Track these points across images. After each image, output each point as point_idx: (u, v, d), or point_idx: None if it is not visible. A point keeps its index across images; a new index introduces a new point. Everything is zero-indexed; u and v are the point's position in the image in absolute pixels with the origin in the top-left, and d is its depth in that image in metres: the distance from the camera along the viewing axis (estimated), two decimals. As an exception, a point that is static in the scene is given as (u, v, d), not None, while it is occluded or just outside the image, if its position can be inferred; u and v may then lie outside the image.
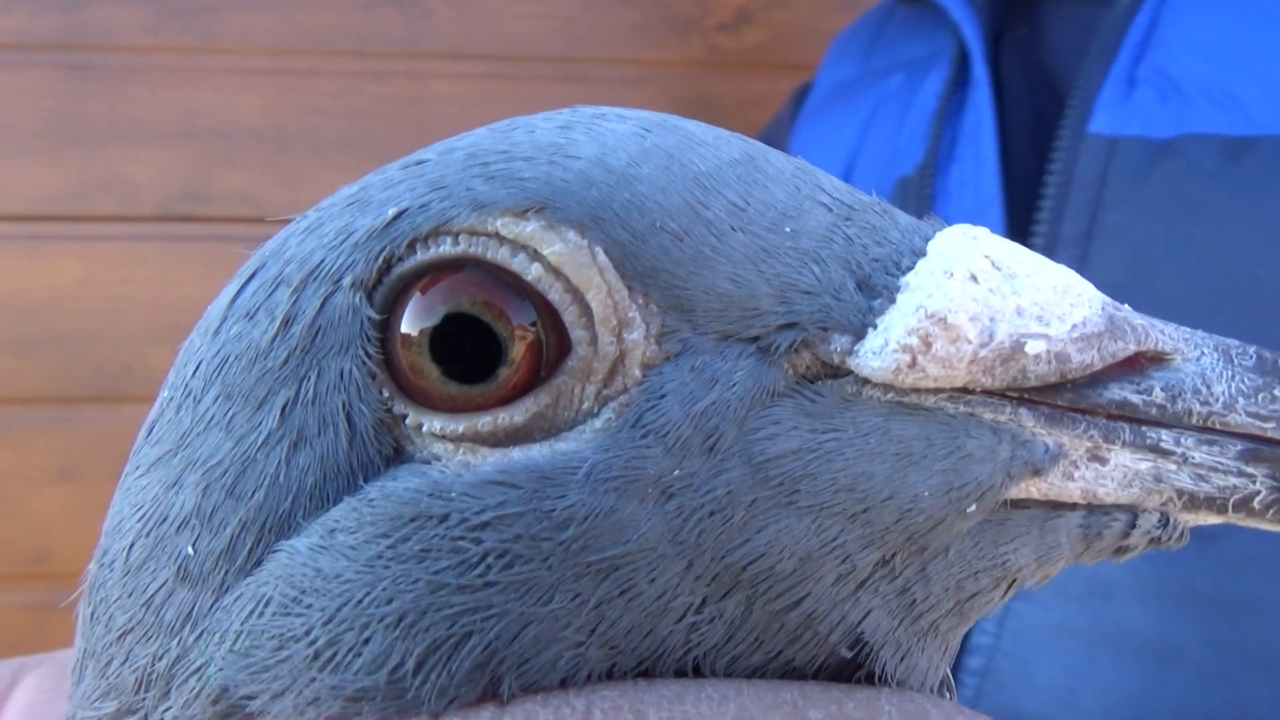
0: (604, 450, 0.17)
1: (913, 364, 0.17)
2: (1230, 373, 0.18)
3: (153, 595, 0.19)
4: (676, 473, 0.17)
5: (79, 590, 0.21)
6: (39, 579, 1.10)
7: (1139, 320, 0.18)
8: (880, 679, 0.18)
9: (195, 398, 0.19)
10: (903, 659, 0.18)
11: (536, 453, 0.17)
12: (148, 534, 0.19)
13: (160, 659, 0.19)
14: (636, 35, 1.21)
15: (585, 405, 0.18)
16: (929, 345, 0.17)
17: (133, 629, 0.19)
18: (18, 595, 1.09)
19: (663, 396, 0.17)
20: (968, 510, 0.17)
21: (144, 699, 0.19)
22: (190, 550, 0.18)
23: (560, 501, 0.17)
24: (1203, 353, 0.18)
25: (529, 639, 0.17)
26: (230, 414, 0.19)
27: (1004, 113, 0.67)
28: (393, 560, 0.17)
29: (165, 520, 0.19)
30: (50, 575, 1.11)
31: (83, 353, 1.11)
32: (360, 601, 0.17)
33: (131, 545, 0.19)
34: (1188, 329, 0.19)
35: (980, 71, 0.66)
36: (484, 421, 0.17)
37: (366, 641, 0.17)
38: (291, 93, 1.15)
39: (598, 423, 0.18)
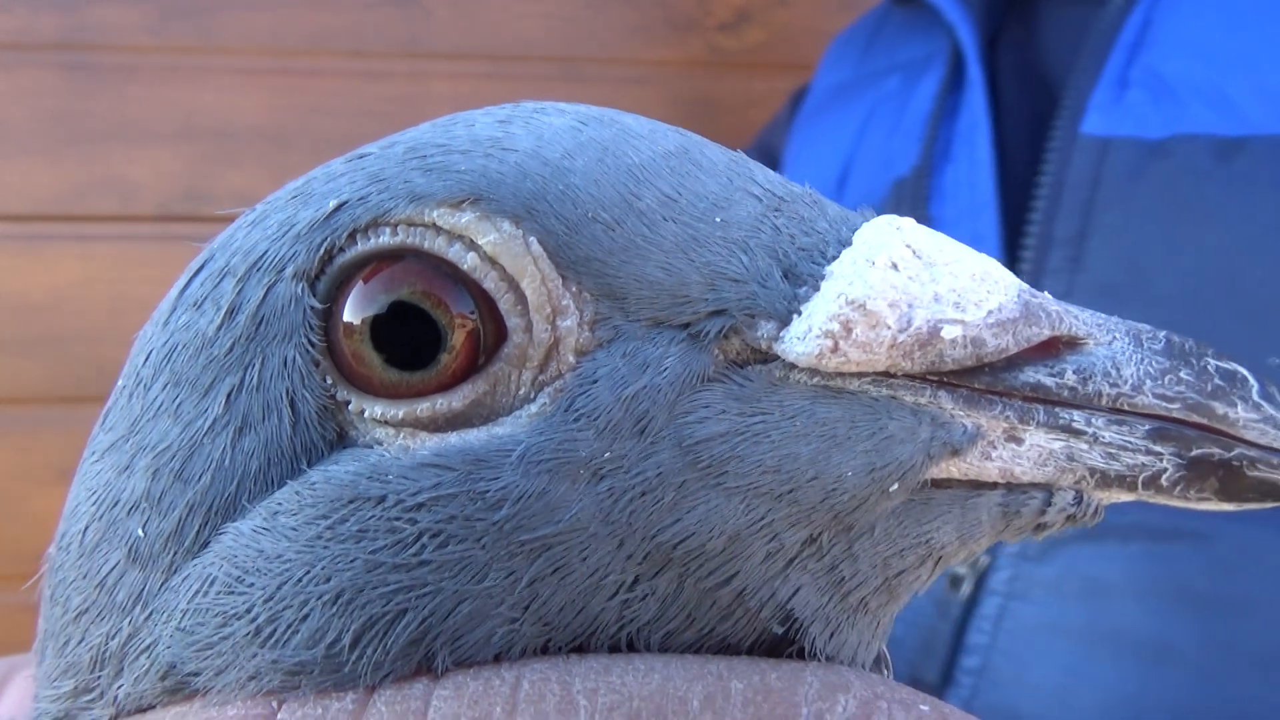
0: (538, 434, 0.18)
1: (835, 349, 0.18)
2: (1140, 356, 0.18)
3: (106, 576, 0.19)
4: (607, 455, 0.18)
5: (39, 574, 0.22)
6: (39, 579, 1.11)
7: (1054, 306, 0.19)
8: (810, 655, 0.19)
9: (146, 385, 0.20)
10: (832, 635, 0.19)
11: (473, 437, 0.18)
12: (101, 517, 0.20)
13: (113, 638, 0.19)
14: (636, 35, 1.22)
15: (522, 391, 0.18)
16: (850, 331, 0.18)
17: (88, 609, 0.20)
18: (18, 595, 1.09)
19: (595, 381, 0.18)
20: (890, 489, 0.18)
21: (99, 677, 0.20)
22: (140, 532, 0.19)
23: (494, 483, 0.17)
24: (1114, 337, 0.19)
25: (463, 615, 0.17)
26: (178, 401, 0.19)
27: (1000, 114, 0.68)
28: (331, 540, 0.18)
29: (117, 504, 0.19)
30: (50, 575, 1.11)
31: (83, 353, 1.11)
32: (300, 580, 0.18)
33: (86, 528, 0.20)
34: (1103, 315, 0.19)
35: (975, 73, 0.67)
36: (423, 407, 0.18)
37: (305, 618, 0.17)
38: (291, 93, 1.16)
39: (533, 407, 0.18)
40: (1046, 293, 0.19)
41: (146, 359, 0.20)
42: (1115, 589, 0.56)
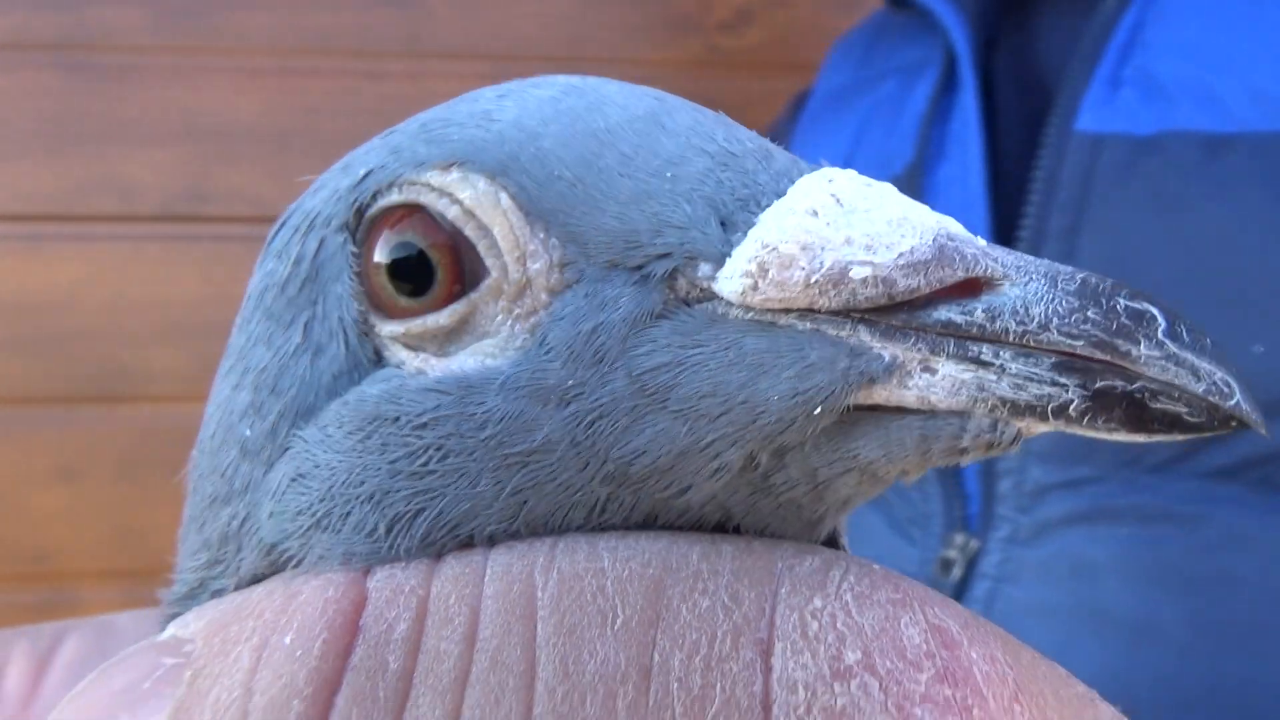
0: (516, 365, 0.22)
1: (755, 286, 0.21)
2: (1052, 296, 0.20)
3: (227, 469, 0.24)
4: (571, 383, 0.21)
5: (183, 471, 0.27)
6: (39, 579, 1.13)
7: (972, 249, 0.21)
8: None
9: (247, 320, 0.25)
10: (770, 535, 0.22)
11: (469, 367, 0.22)
12: (222, 423, 0.25)
13: (233, 520, 0.24)
14: (637, 35, 1.24)
15: (499, 318, 0.22)
16: (765, 271, 0.21)
17: (217, 496, 0.25)
18: (18, 595, 1.12)
19: (562, 318, 0.22)
20: (814, 412, 0.21)
21: (226, 551, 0.24)
22: (248, 433, 0.24)
23: (480, 406, 0.21)
24: (1030, 278, 0.21)
25: (463, 514, 0.21)
26: (270, 332, 0.24)
27: (995, 116, 0.71)
28: (363, 452, 0.22)
29: (232, 412, 0.25)
30: (50, 575, 1.13)
31: (83, 353, 1.14)
32: (343, 483, 0.22)
33: (213, 433, 0.25)
34: (1029, 258, 0.21)
35: (968, 74, 0.70)
36: (416, 323, 0.23)
37: (349, 514, 0.22)
38: (291, 93, 1.18)
39: (516, 342, 0.22)
40: (980, 237, 0.22)
41: (249, 299, 0.26)
42: (1103, 570, 0.58)
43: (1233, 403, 0.19)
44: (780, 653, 0.18)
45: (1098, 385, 0.20)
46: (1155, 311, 0.20)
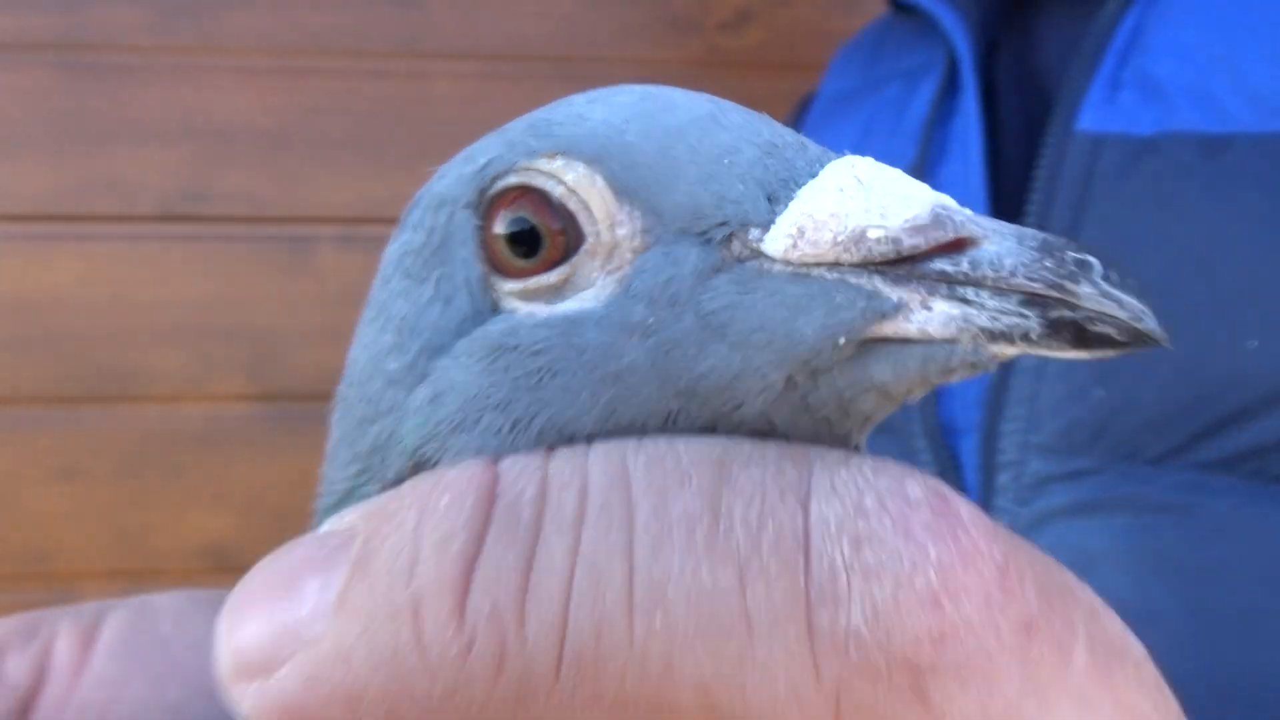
0: (608, 306, 0.28)
1: (794, 245, 0.27)
2: (1019, 251, 0.26)
3: (374, 395, 0.31)
4: (651, 320, 0.27)
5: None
6: (39, 579, 1.15)
7: (960, 217, 0.27)
8: None
9: (387, 279, 0.32)
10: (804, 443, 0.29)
11: (571, 310, 0.29)
12: (370, 360, 0.31)
13: (380, 434, 0.30)
14: (637, 35, 1.26)
15: (594, 275, 0.29)
16: (802, 233, 0.27)
17: (366, 418, 0.31)
18: (18, 595, 1.13)
19: (644, 272, 0.28)
20: (839, 342, 0.27)
21: (373, 461, 0.31)
22: (392, 366, 0.30)
23: (581, 338, 0.28)
24: (1003, 238, 0.27)
25: (568, 419, 0.28)
26: (408, 288, 0.31)
27: (997, 118, 0.73)
28: (490, 373, 0.28)
29: (378, 351, 0.31)
30: (50, 575, 1.15)
31: (83, 353, 1.15)
32: (474, 396, 0.29)
33: (361, 368, 0.32)
34: (1002, 223, 0.27)
35: (969, 77, 0.71)
36: (531, 281, 0.29)
37: (479, 419, 0.28)
38: (291, 93, 1.19)
39: (607, 291, 0.28)
40: (968, 209, 0.27)
41: (388, 263, 0.32)
42: (1100, 561, 0.60)
43: (1146, 324, 0.25)
44: (815, 501, 0.24)
45: (1052, 315, 0.26)
46: (1094, 260, 0.26)
